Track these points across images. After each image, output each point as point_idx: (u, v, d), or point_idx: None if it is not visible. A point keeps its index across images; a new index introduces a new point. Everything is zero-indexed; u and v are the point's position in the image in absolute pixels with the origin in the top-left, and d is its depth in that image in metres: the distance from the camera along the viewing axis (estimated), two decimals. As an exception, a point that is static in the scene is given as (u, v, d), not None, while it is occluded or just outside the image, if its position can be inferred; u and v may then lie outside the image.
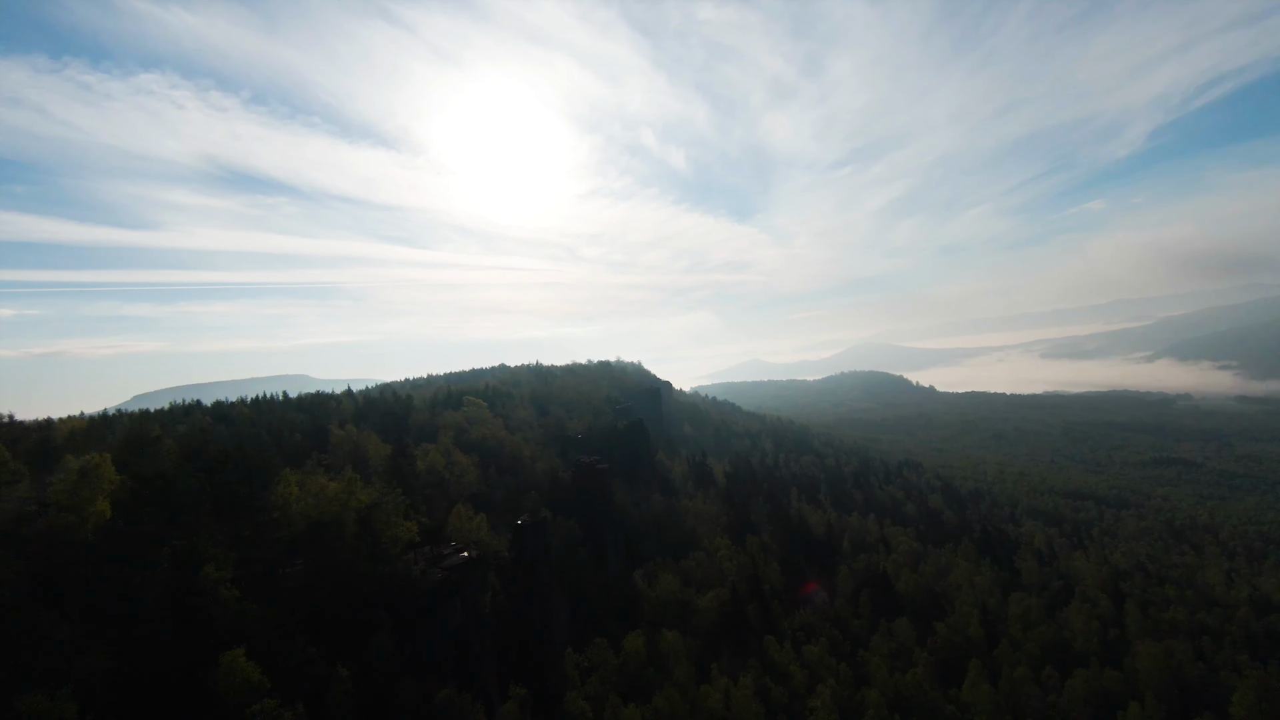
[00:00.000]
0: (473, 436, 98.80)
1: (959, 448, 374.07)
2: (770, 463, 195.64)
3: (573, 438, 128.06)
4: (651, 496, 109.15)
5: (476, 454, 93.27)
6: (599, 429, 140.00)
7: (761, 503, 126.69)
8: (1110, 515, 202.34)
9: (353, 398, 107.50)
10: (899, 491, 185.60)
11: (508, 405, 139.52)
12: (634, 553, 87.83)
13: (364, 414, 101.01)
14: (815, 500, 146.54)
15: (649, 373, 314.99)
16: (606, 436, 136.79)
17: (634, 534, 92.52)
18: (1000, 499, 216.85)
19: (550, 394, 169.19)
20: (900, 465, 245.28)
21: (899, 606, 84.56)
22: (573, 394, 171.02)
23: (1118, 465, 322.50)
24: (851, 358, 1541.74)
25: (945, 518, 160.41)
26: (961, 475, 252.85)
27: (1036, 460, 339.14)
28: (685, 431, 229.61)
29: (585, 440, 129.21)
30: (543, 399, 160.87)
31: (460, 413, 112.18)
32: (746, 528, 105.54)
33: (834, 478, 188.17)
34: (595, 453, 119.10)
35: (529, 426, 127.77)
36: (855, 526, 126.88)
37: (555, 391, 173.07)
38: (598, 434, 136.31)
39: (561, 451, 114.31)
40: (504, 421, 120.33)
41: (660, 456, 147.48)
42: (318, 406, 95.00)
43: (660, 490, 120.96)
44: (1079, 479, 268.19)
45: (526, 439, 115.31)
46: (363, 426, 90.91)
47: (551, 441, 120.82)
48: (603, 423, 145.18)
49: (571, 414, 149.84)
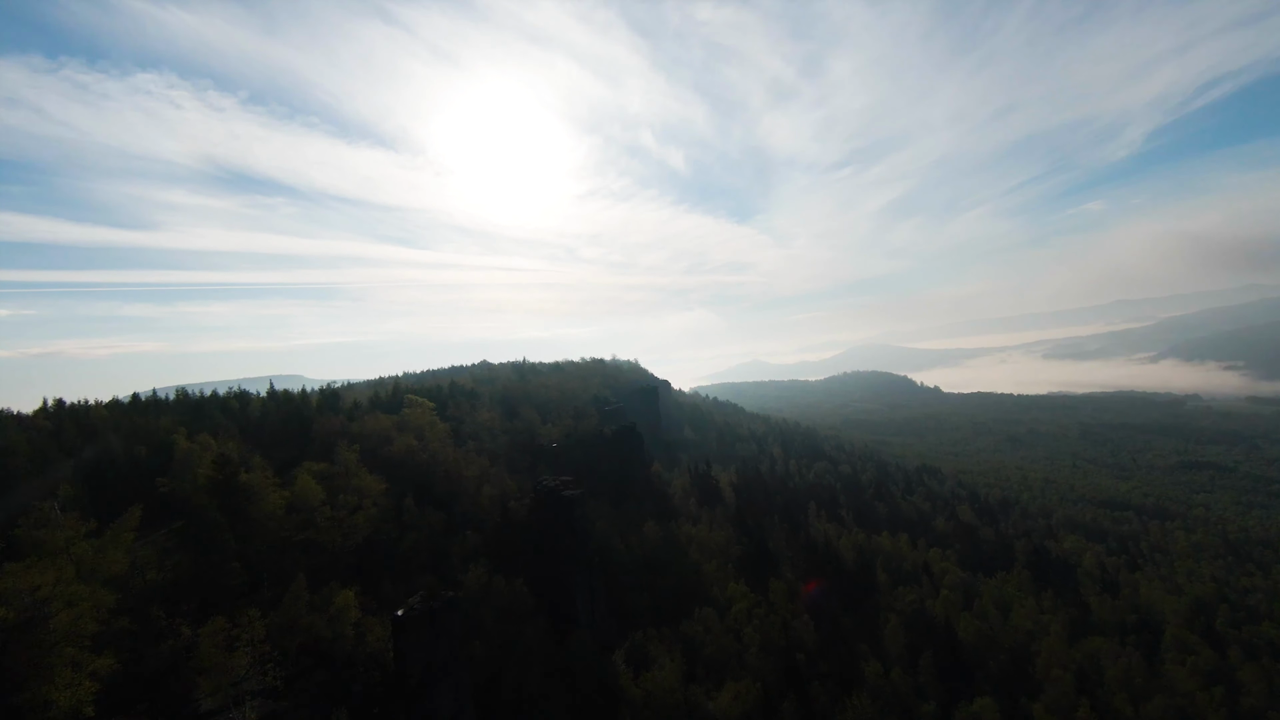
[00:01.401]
0: (395, 450, 71.77)
1: (973, 451, 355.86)
2: (781, 470, 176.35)
3: (545, 447, 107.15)
4: (644, 524, 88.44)
5: (395, 475, 67.61)
6: (581, 435, 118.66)
7: (777, 521, 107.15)
8: (1155, 528, 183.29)
9: (244, 398, 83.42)
10: (924, 502, 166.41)
11: (465, 407, 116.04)
12: (618, 608, 67.03)
13: (263, 421, 75.46)
14: (836, 516, 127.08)
15: (646, 371, 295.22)
16: (589, 445, 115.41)
17: (618, 582, 71.02)
18: (1031, 509, 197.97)
19: (527, 393, 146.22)
20: (917, 471, 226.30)
21: (969, 671, 65.13)
22: (554, 393, 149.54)
23: (1143, 470, 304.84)
24: (852, 358, 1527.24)
25: (981, 534, 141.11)
26: (984, 482, 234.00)
27: (1056, 464, 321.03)
28: (685, 435, 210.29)
29: (562, 450, 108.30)
30: (515, 399, 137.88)
31: (392, 417, 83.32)
32: (764, 560, 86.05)
33: (851, 487, 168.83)
34: (574, 466, 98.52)
35: (489, 434, 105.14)
36: (887, 549, 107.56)
37: (533, 390, 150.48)
38: (579, 442, 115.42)
39: (531, 465, 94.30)
40: (454, 428, 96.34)
41: (657, 468, 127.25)
42: (199, 410, 73.15)
43: (655, 511, 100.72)
44: (1108, 485, 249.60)
45: (480, 450, 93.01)
46: (260, 435, 69.98)
47: (518, 453, 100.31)
48: (587, 428, 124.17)
49: (548, 417, 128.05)
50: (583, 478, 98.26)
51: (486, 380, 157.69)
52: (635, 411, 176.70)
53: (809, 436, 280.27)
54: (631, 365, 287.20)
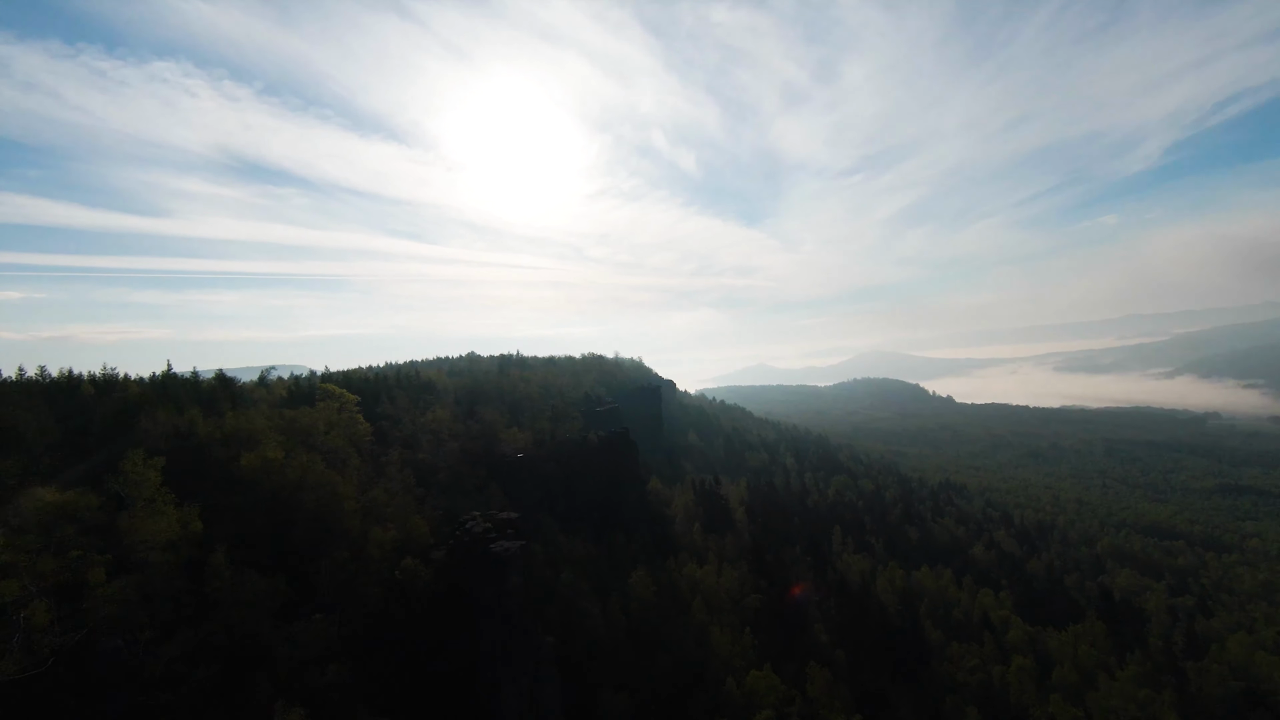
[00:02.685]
0: (246, 466, 45.46)
1: (994, 465, 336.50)
2: (796, 485, 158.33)
3: (507, 459, 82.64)
4: (632, 571, 66.86)
5: (242, 506, 43.68)
6: (559, 443, 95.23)
7: (799, 553, 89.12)
8: (1213, 562, 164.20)
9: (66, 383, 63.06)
10: (955, 526, 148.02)
11: (404, 403, 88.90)
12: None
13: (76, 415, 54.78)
14: (865, 544, 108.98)
15: (650, 370, 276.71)
16: (569, 456, 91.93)
17: (584, 673, 49.93)
18: (1070, 534, 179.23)
19: (501, 388, 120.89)
20: (941, 488, 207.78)
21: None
22: (535, 389, 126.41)
23: (1178, 492, 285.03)
24: (860, 365, 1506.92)
25: (1029, 569, 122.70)
26: (1014, 502, 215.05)
27: (1084, 482, 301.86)
28: (690, 441, 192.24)
29: (529, 462, 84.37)
30: (484, 395, 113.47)
31: (286, 414, 59.32)
32: (789, 614, 68.16)
33: (875, 506, 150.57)
34: (544, 484, 79.05)
35: (433, 440, 79.53)
36: (931, 589, 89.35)
37: (510, 385, 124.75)
38: (556, 451, 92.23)
39: (480, 485, 72.15)
40: (382, 431, 72.52)
41: (655, 484, 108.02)
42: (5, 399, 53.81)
43: (651, 540, 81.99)
44: (1146, 509, 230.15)
45: (412, 463, 68.08)
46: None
47: (468, 467, 75.56)
48: (568, 432, 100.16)
49: (520, 418, 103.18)
50: (553, 501, 78.66)
51: (463, 372, 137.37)
52: (634, 413, 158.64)
53: (822, 445, 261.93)
54: (634, 363, 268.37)
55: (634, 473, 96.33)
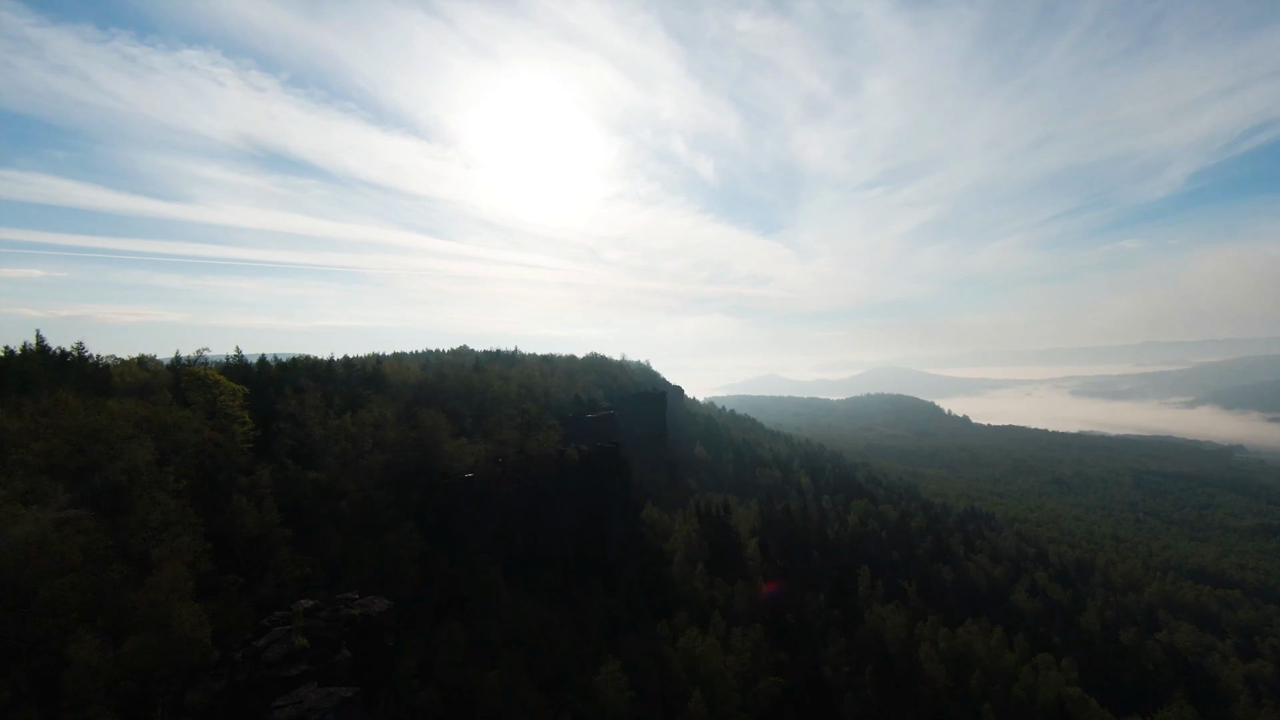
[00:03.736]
0: None
1: (1017, 492, 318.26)
2: (813, 507, 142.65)
3: (450, 482, 61.80)
4: (600, 667, 47.99)
5: None
6: (528, 460, 72.91)
7: (824, 604, 73.76)
8: (1278, 618, 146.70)
9: None
10: (990, 564, 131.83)
11: (314, 400, 60.82)
12: None
13: None
14: (897, 588, 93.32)
15: (657, 374, 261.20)
16: (537, 478, 71.09)
17: None
18: (1113, 577, 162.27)
19: (470, 387, 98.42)
20: (968, 516, 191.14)
21: None
22: (514, 390, 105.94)
23: (1217, 531, 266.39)
24: (872, 380, 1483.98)
25: (1084, 623, 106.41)
26: (1046, 535, 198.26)
27: (1115, 516, 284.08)
28: (696, 454, 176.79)
29: (479, 485, 63.36)
30: (444, 394, 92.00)
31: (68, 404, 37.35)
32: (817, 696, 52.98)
33: (900, 536, 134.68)
34: (495, 518, 63.29)
35: (347, 449, 58.39)
36: (983, 657, 73.55)
37: (482, 383, 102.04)
38: (521, 470, 70.55)
39: (390, 520, 51.29)
40: (262, 440, 49.45)
41: (650, 512, 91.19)
42: None
43: (642, 590, 66.31)
44: (1188, 550, 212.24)
45: (291, 486, 47.64)
46: None
47: (389, 491, 55.60)
48: (542, 446, 76.41)
49: (485, 424, 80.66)
50: (509, 537, 62.82)
51: (437, 365, 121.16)
52: (635, 421, 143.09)
53: (837, 462, 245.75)
54: (640, 366, 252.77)
55: (623, 498, 78.57)
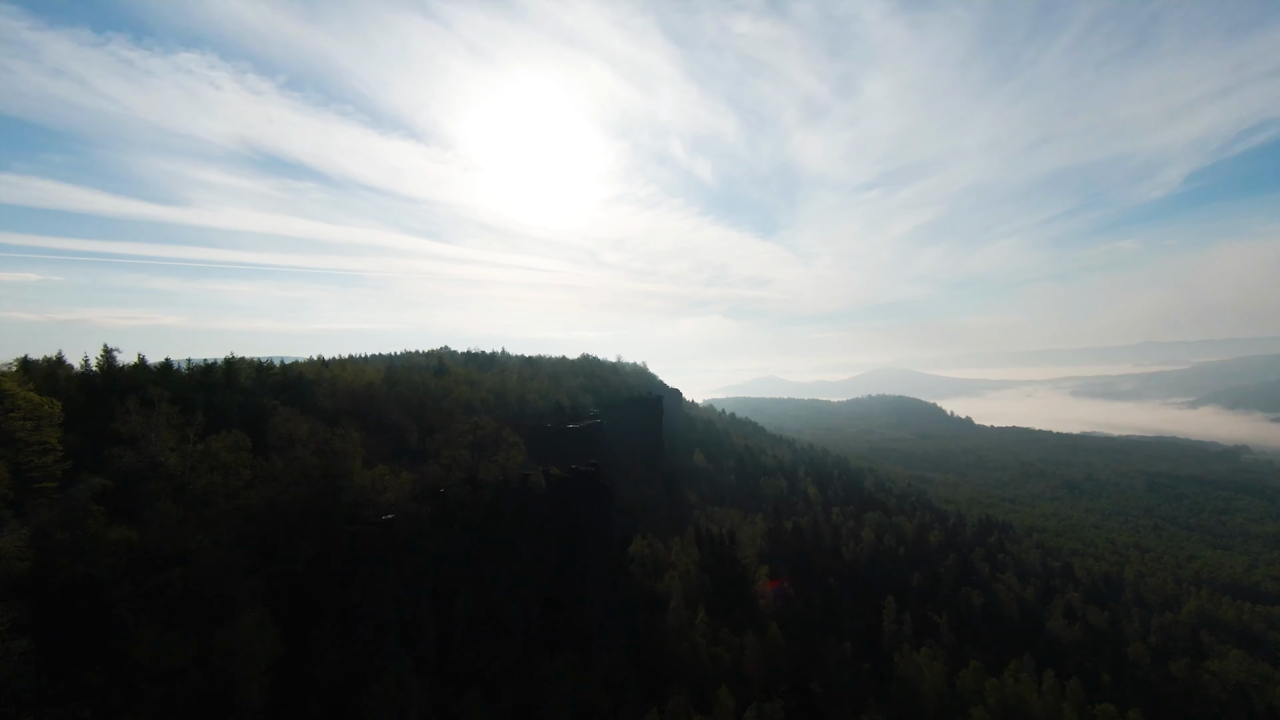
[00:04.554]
0: None
1: (1029, 497, 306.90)
2: (821, 519, 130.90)
3: (356, 529, 44.90)
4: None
5: None
6: (478, 491, 55.54)
7: (850, 654, 61.98)
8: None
9: None
10: (1022, 586, 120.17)
11: (169, 415, 44.64)
12: None
13: None
14: (929, 624, 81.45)
15: (654, 377, 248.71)
16: (485, 518, 54.11)
17: None
18: (1144, 593, 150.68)
19: (427, 393, 79.48)
20: (985, 528, 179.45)
21: None
22: (484, 396, 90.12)
23: (1239, 538, 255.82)
24: (872, 381, 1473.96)
25: (1133, 652, 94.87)
26: (1068, 547, 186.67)
27: (1132, 522, 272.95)
28: (696, 464, 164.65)
29: (400, 531, 46.72)
30: (386, 404, 73.84)
31: None
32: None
33: (919, 554, 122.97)
34: (424, 575, 47.55)
35: (208, 485, 42.29)
36: (1038, 713, 61.81)
37: (440, 390, 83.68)
38: (465, 506, 53.53)
39: (246, 592, 35.84)
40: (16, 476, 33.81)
41: (640, 546, 77.02)
42: None
43: (625, 651, 53.73)
44: (1219, 562, 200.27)
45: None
46: None
47: (281, 541, 41.66)
48: (502, 468, 60.29)
49: (427, 442, 63.86)
50: (446, 602, 49.39)
51: (396, 369, 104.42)
52: (628, 429, 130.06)
53: (842, 468, 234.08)
54: (636, 369, 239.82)
55: (605, 533, 63.12)
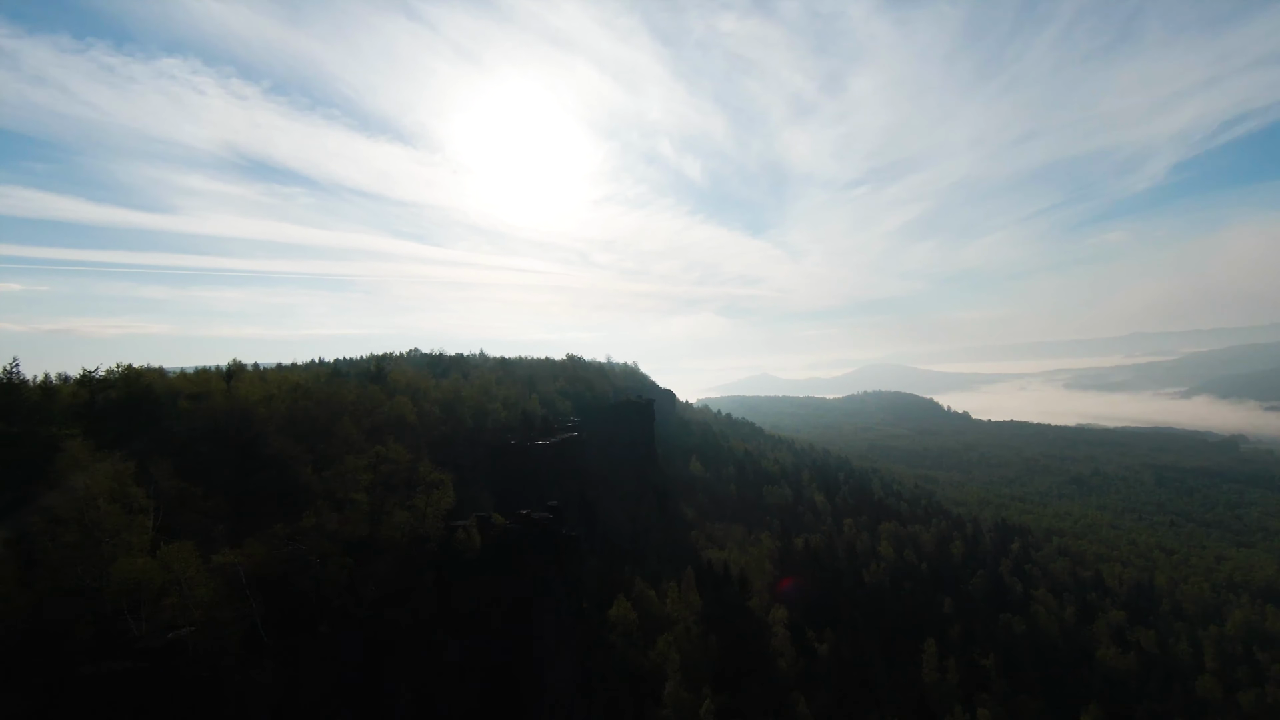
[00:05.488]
0: None
1: (1037, 494, 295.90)
2: (836, 538, 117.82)
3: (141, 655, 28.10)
4: None
5: None
6: (367, 570, 38.12)
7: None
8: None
9: None
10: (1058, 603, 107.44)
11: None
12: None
13: None
14: (973, 667, 68.38)
15: (645, 377, 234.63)
16: (381, 615, 37.07)
17: None
18: (1181, 602, 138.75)
19: (334, 410, 61.71)
20: (1004, 533, 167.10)
21: None
22: (429, 410, 69.69)
23: (1259, 534, 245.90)
24: (865, 377, 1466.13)
25: (1201, 688, 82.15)
26: (1092, 552, 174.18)
27: (1146, 520, 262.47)
28: (693, 472, 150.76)
29: (202, 679, 29.30)
30: (290, 425, 57.33)
31: None
32: None
33: (944, 569, 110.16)
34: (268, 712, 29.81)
35: None
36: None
37: (369, 404, 65.75)
38: (353, 598, 36.34)
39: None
40: None
41: (622, 609, 55.77)
42: None
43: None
44: (1251, 564, 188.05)
45: None
46: None
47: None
48: (423, 522, 43.11)
49: (329, 481, 45.82)
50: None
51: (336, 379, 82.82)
52: (615, 438, 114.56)
53: (846, 469, 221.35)
54: (627, 369, 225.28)
55: (571, 605, 47.41)
